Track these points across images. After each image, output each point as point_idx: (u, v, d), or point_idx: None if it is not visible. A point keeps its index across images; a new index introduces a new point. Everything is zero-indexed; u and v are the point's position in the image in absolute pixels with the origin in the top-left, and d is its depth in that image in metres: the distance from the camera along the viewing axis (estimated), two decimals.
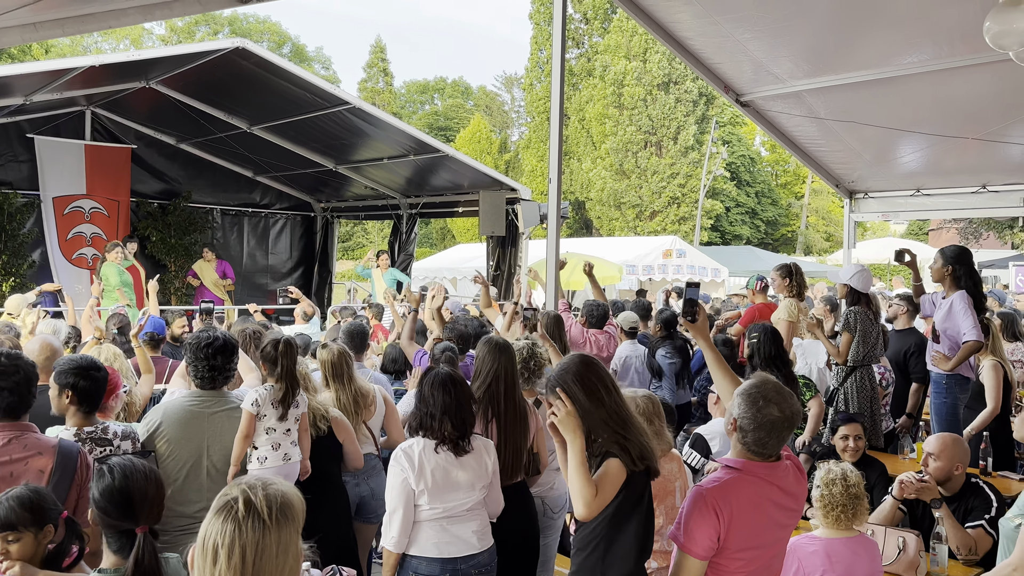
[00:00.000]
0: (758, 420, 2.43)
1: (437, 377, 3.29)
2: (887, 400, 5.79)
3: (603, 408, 2.56)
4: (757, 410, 2.44)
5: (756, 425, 2.44)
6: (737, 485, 2.46)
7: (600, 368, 2.66)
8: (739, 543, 2.44)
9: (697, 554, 2.41)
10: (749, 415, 2.45)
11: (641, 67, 33.07)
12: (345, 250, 36.90)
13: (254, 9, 50.95)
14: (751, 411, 2.45)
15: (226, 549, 1.57)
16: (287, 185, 14.54)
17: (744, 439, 2.48)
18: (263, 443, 3.55)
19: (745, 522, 2.44)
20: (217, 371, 3.47)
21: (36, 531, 2.30)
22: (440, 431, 3.20)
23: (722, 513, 2.40)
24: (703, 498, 2.43)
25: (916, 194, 8.40)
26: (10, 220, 11.21)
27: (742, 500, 2.44)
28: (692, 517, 2.43)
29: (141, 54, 10.10)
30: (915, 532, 3.59)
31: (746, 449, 2.50)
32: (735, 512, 2.41)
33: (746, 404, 2.47)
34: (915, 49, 5.83)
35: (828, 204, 42.16)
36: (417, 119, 51.57)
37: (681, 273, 17.18)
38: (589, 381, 2.58)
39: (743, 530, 2.44)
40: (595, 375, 2.61)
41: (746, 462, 2.50)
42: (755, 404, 2.45)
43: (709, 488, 2.45)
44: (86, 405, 3.19)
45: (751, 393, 2.48)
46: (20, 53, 32.51)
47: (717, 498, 2.42)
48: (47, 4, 3.47)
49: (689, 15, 6.17)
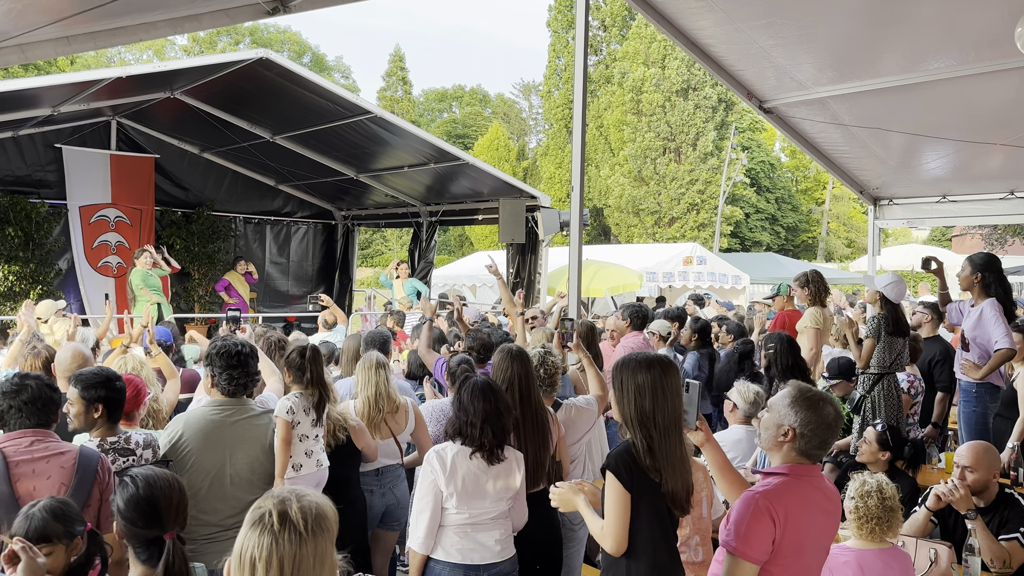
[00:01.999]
0: (820, 422, 2.46)
1: (476, 386, 3.30)
2: (916, 409, 5.72)
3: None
4: (817, 412, 2.47)
5: (820, 427, 2.47)
6: (789, 489, 2.47)
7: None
8: (789, 548, 2.44)
9: (754, 559, 2.40)
10: (814, 419, 2.47)
11: (660, 73, 33.02)
12: (364, 257, 37.08)
13: (276, 19, 51.37)
14: (814, 415, 2.47)
15: (264, 562, 1.57)
16: (309, 193, 14.65)
17: (803, 445, 2.49)
18: (298, 451, 3.57)
19: (797, 526, 2.44)
20: (238, 380, 3.46)
21: (67, 543, 2.30)
22: (480, 439, 3.21)
23: (777, 517, 2.40)
24: (757, 503, 2.42)
25: (942, 200, 8.32)
26: (38, 229, 11.37)
27: (795, 504, 2.45)
28: (747, 522, 2.41)
29: (166, 65, 10.22)
30: (947, 544, 3.54)
31: (800, 454, 2.51)
32: (789, 516, 2.42)
33: (806, 409, 2.48)
34: (941, 55, 5.78)
35: (849, 210, 41.84)
36: (435, 127, 51.76)
37: (702, 280, 17.09)
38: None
39: (795, 534, 2.44)
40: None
41: (793, 466, 2.51)
42: (815, 407, 2.48)
43: (763, 492, 2.45)
44: (113, 416, 3.22)
45: (807, 398, 2.51)
46: (46, 65, 32.99)
47: (772, 502, 2.42)
48: (79, 19, 3.53)
49: (711, 22, 6.15)
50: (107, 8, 3.25)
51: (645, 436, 2.59)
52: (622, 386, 2.67)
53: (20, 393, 2.85)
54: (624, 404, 2.66)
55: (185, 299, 13.00)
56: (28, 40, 3.53)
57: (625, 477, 2.57)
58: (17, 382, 2.86)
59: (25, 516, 2.26)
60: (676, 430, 2.62)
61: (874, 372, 5.25)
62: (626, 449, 2.63)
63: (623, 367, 2.70)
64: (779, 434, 2.53)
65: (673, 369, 2.68)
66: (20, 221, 11.15)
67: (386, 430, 4.28)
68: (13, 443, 2.82)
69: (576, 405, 4.10)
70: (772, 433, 2.55)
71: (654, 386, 2.61)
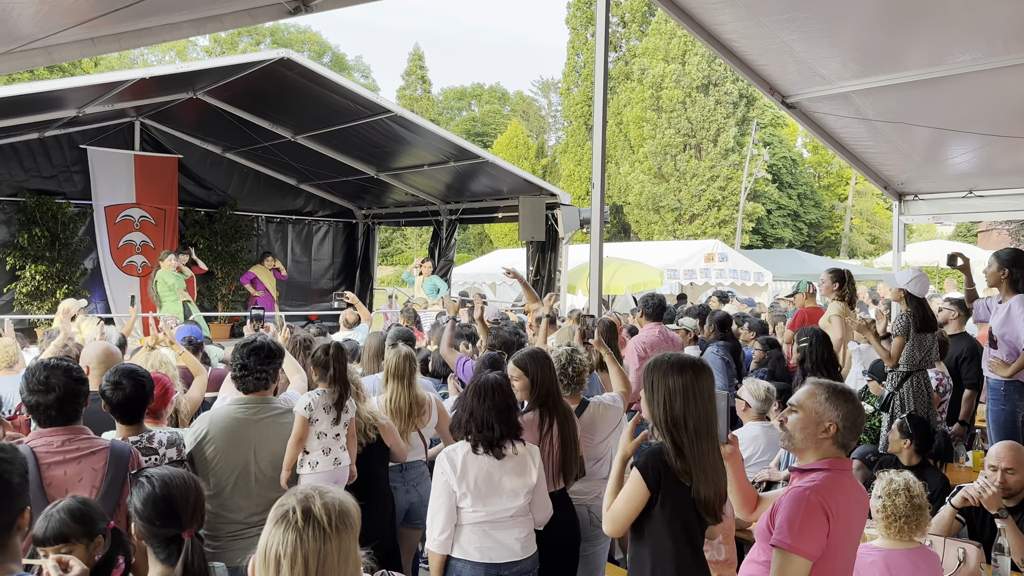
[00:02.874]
0: (859, 414, 2.56)
1: (476, 382, 3.34)
2: (944, 406, 5.65)
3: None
4: (855, 405, 2.56)
5: (859, 419, 2.57)
6: (835, 483, 2.49)
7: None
8: (837, 542, 2.45)
9: (810, 555, 2.39)
10: (854, 412, 2.54)
11: (680, 69, 32.82)
12: (384, 256, 37.22)
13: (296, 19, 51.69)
14: (853, 408, 2.55)
15: (288, 559, 1.58)
16: (330, 192, 14.73)
17: (843, 438, 2.55)
18: (315, 448, 3.58)
19: (846, 520, 2.46)
20: (258, 375, 3.47)
21: (87, 542, 2.29)
22: (478, 434, 3.24)
23: (831, 512, 2.41)
24: (809, 499, 2.41)
25: (968, 195, 8.21)
26: (63, 229, 11.52)
27: (843, 498, 2.47)
28: (800, 518, 2.40)
29: (189, 66, 10.30)
30: (976, 543, 3.49)
31: (839, 448, 2.55)
32: (839, 510, 2.43)
33: (845, 403, 2.54)
34: (968, 47, 5.70)
35: (873, 206, 41.38)
36: (455, 125, 51.83)
37: (723, 277, 16.98)
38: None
39: (843, 529, 2.46)
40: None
41: (833, 460, 2.53)
42: (853, 400, 2.57)
43: (813, 488, 2.44)
44: (119, 414, 3.21)
45: (842, 391, 2.58)
46: (71, 67, 33.41)
47: (824, 498, 2.42)
48: (104, 20, 3.56)
49: (733, 17, 6.11)
50: (131, 10, 3.28)
51: (675, 440, 2.56)
52: (653, 388, 2.63)
53: (48, 392, 2.84)
54: (654, 406, 2.62)
55: (208, 298, 13.12)
56: (54, 42, 3.57)
57: (651, 478, 2.56)
58: (44, 379, 2.84)
59: (45, 517, 2.26)
60: (708, 435, 2.57)
61: (903, 370, 5.19)
62: (659, 450, 2.61)
63: (655, 368, 2.65)
64: (820, 431, 2.54)
65: (706, 373, 2.64)
66: (46, 221, 11.31)
67: (412, 428, 4.30)
68: (45, 442, 2.83)
69: (603, 403, 4.08)
70: (812, 431, 2.55)
71: (686, 390, 2.57)
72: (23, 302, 11.22)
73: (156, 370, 4.05)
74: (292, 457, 3.50)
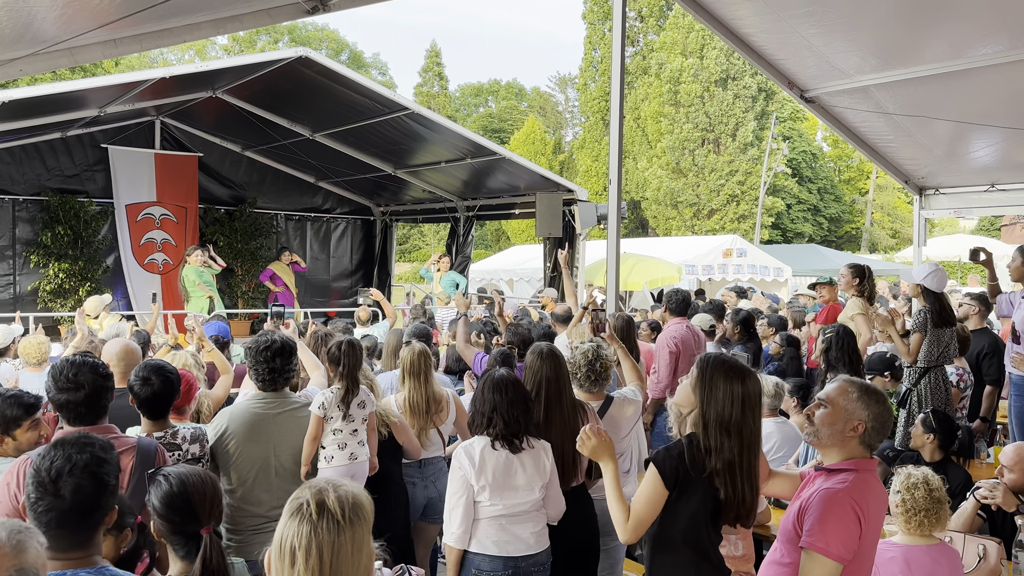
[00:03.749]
0: (888, 415, 2.53)
1: (491, 378, 3.37)
2: (964, 403, 5.60)
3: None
4: (884, 405, 2.52)
5: (888, 420, 2.53)
6: (865, 485, 2.47)
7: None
8: (867, 544, 2.44)
9: (843, 558, 2.36)
10: (883, 412, 2.51)
11: (698, 64, 32.63)
12: (402, 252, 37.35)
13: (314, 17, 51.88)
14: (883, 408, 2.51)
15: (303, 551, 1.61)
16: (347, 190, 14.82)
17: (871, 439, 2.51)
18: (330, 443, 3.64)
19: (875, 522, 2.46)
20: (277, 373, 3.52)
21: (116, 534, 2.35)
22: (493, 428, 3.27)
23: (862, 513, 2.40)
24: (839, 500, 2.39)
25: (990, 189, 8.11)
26: (86, 227, 11.68)
27: (873, 500, 2.46)
28: (832, 520, 2.37)
29: (208, 65, 10.39)
30: (996, 540, 3.47)
31: (866, 448, 2.52)
32: (871, 511, 2.42)
33: (876, 403, 2.51)
34: (989, 40, 5.63)
35: (894, 200, 40.96)
36: (472, 122, 51.87)
37: (742, 272, 16.88)
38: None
39: (872, 532, 2.45)
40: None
41: (859, 461, 2.51)
42: (882, 400, 2.53)
43: (845, 490, 2.41)
44: (146, 409, 3.25)
45: (872, 391, 2.54)
46: (92, 67, 33.76)
47: (856, 499, 2.40)
48: (126, 22, 3.61)
49: (751, 11, 6.07)
50: (153, 11, 3.32)
51: (717, 443, 2.50)
52: (711, 386, 2.55)
53: (78, 389, 2.86)
54: (709, 405, 2.54)
55: (229, 295, 13.24)
56: (77, 44, 3.63)
57: (669, 476, 2.52)
58: (73, 377, 2.86)
59: None
60: (754, 445, 2.55)
61: (921, 366, 5.15)
62: (679, 449, 2.56)
63: (718, 367, 2.57)
64: (848, 428, 2.50)
65: (758, 383, 2.62)
66: (69, 220, 11.48)
67: (430, 425, 4.32)
68: None
69: (627, 398, 4.08)
70: (840, 428, 2.51)
71: (745, 397, 2.53)
72: (47, 299, 11.40)
73: (184, 368, 4.10)
74: (308, 454, 3.56)
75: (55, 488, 1.99)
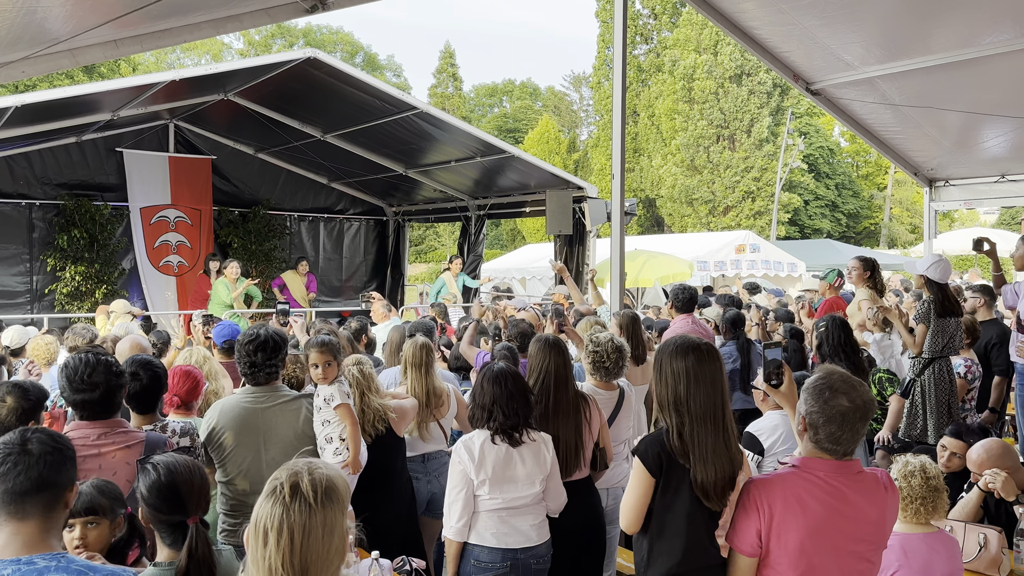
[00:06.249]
0: (827, 413, 2.31)
1: (490, 371, 3.39)
2: (973, 394, 5.55)
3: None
4: (824, 402, 2.32)
5: (826, 419, 2.31)
6: (784, 481, 2.37)
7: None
8: (784, 551, 2.32)
9: (742, 550, 2.37)
10: (817, 408, 2.33)
11: (712, 60, 32.47)
12: (418, 253, 37.46)
13: (324, 19, 52.30)
14: (818, 404, 2.33)
15: (275, 531, 1.65)
16: (360, 190, 14.89)
17: (816, 436, 2.36)
18: (320, 435, 3.67)
19: (790, 524, 2.32)
20: (257, 367, 3.54)
21: (111, 519, 2.44)
22: (492, 422, 3.28)
23: (761, 508, 2.33)
24: (746, 491, 2.41)
25: (1001, 180, 8.03)
26: (101, 230, 11.82)
27: (786, 497, 2.33)
28: (736, 511, 2.41)
29: (219, 67, 10.48)
30: (997, 528, 3.44)
31: (818, 447, 2.37)
32: (775, 509, 2.32)
33: (812, 398, 2.35)
34: (995, 28, 5.58)
35: (913, 195, 40.50)
36: (487, 122, 51.94)
37: (755, 268, 16.79)
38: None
39: (789, 534, 2.32)
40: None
41: (806, 459, 2.39)
42: (821, 396, 2.33)
43: (753, 481, 2.42)
44: (135, 403, 3.29)
45: (816, 386, 2.36)
46: (110, 72, 34.19)
47: (758, 492, 2.36)
48: (125, 22, 3.67)
49: (755, 4, 6.06)
50: (149, 10, 3.37)
51: (677, 422, 2.58)
52: (660, 369, 2.65)
53: (94, 389, 2.91)
54: (660, 387, 2.64)
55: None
56: (78, 44, 3.69)
57: (652, 464, 2.57)
58: (87, 377, 2.91)
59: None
60: (712, 420, 2.56)
61: (926, 356, 5.11)
62: (658, 437, 2.63)
63: (662, 350, 2.69)
64: (797, 423, 2.47)
65: (713, 357, 2.64)
66: (85, 223, 11.62)
67: (431, 418, 4.36)
68: (82, 434, 2.89)
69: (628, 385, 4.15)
70: (797, 424, 2.48)
71: (688, 372, 2.58)
72: (64, 302, 11.56)
73: (199, 366, 4.16)
74: (355, 447, 3.64)
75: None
